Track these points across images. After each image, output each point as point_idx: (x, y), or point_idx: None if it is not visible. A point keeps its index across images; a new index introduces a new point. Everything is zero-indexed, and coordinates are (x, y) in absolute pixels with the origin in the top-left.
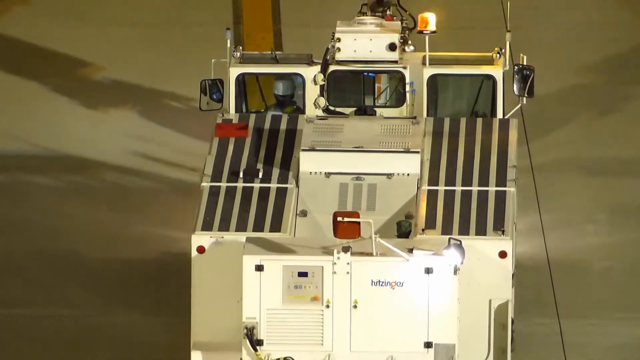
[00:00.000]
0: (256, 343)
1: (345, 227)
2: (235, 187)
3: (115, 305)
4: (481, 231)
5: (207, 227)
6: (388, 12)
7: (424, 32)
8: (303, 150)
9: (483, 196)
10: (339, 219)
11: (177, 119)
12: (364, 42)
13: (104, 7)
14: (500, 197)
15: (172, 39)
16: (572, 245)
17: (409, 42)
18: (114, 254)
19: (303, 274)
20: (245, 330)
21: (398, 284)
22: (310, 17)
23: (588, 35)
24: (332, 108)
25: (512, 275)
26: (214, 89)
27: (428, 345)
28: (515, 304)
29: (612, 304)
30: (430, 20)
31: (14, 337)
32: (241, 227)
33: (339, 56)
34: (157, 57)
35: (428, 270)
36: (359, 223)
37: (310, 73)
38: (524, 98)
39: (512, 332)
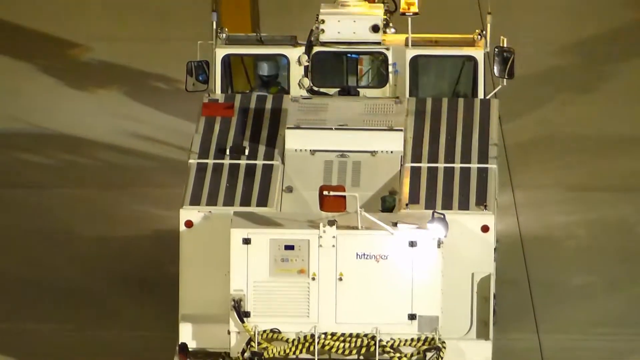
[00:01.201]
0: (243, 315)
1: (331, 201)
2: (222, 164)
3: (111, 282)
4: (464, 206)
5: (195, 201)
6: None
7: (407, 14)
8: (288, 128)
9: (465, 173)
10: (325, 192)
11: (163, 100)
12: (347, 24)
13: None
14: (482, 173)
15: (157, 22)
16: (546, 223)
17: (391, 24)
18: (103, 232)
19: (290, 247)
20: (232, 303)
21: (383, 257)
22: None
23: (564, 17)
24: (316, 89)
25: (494, 249)
26: (200, 70)
27: (412, 317)
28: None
29: (581, 282)
30: (412, 2)
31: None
32: (228, 202)
33: (322, 37)
34: (142, 39)
35: (412, 244)
36: (344, 197)
37: (294, 54)
38: (505, 79)
39: (494, 305)
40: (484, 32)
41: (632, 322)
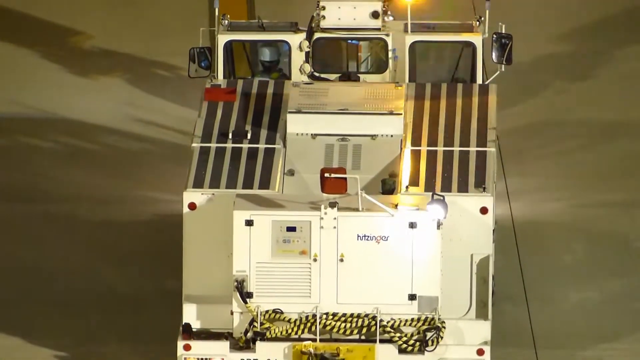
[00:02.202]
0: (246, 295)
1: (333, 183)
2: (225, 147)
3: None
4: (463, 188)
5: (198, 184)
6: None
7: (407, 0)
8: (290, 112)
9: (464, 156)
10: (326, 175)
11: (165, 86)
12: (347, 10)
13: None
14: (481, 156)
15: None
16: (541, 209)
17: (388, 12)
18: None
19: (291, 229)
20: (235, 283)
21: (383, 238)
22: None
23: (560, 5)
24: (317, 74)
25: (493, 231)
26: (202, 56)
27: (412, 297)
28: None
29: (574, 273)
30: None
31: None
32: (231, 185)
33: (323, 24)
34: (143, 28)
35: (412, 225)
36: (345, 179)
37: (296, 40)
38: (503, 65)
39: (493, 285)
40: (483, 18)
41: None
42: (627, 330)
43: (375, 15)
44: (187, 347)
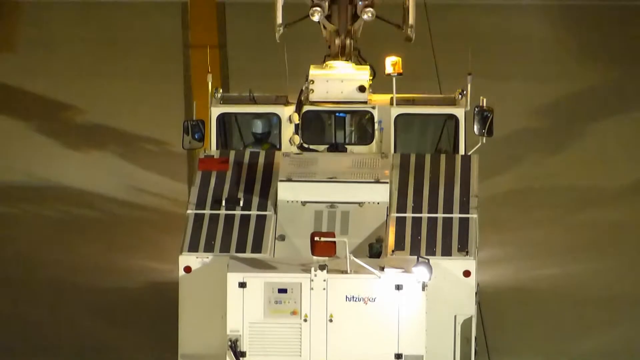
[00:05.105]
0: (240, 355)
1: (322, 246)
2: (218, 214)
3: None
4: (447, 252)
5: (193, 248)
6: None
7: (392, 74)
8: (281, 180)
9: (448, 222)
10: (316, 238)
11: (155, 161)
12: (335, 84)
13: (84, 61)
14: (464, 222)
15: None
16: (520, 276)
17: (370, 90)
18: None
19: (283, 290)
20: (229, 343)
21: (371, 299)
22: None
23: (537, 80)
24: (306, 145)
25: (476, 293)
26: (196, 129)
27: (398, 356)
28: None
29: (556, 334)
30: (397, 63)
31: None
32: (225, 249)
33: (312, 97)
34: (135, 104)
35: (398, 287)
36: (334, 242)
37: (286, 113)
38: (484, 137)
39: (475, 346)
40: (465, 91)
41: None
42: None
43: (362, 89)
44: None
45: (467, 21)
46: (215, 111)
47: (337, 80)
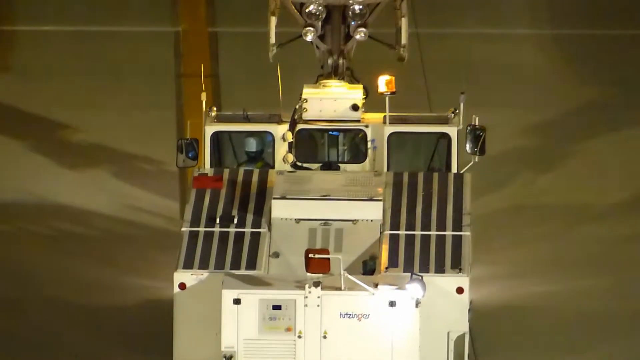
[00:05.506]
0: None
1: (316, 263)
2: (213, 231)
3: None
4: (440, 269)
5: (188, 265)
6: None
7: (385, 93)
8: (275, 198)
9: (441, 240)
10: (311, 255)
11: (149, 179)
12: (329, 103)
13: (77, 90)
14: (457, 240)
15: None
16: (512, 293)
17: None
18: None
19: (277, 307)
20: (224, 359)
21: (364, 316)
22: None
23: (529, 100)
24: (299, 164)
25: (469, 309)
26: (190, 147)
27: None
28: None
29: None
30: (391, 82)
31: None
32: (219, 266)
33: (306, 116)
34: (128, 123)
35: (392, 304)
36: (328, 259)
37: (279, 131)
38: (476, 156)
39: None
40: (457, 110)
41: None
42: None
43: (355, 108)
44: None
45: (459, 49)
46: (209, 129)
47: (331, 99)
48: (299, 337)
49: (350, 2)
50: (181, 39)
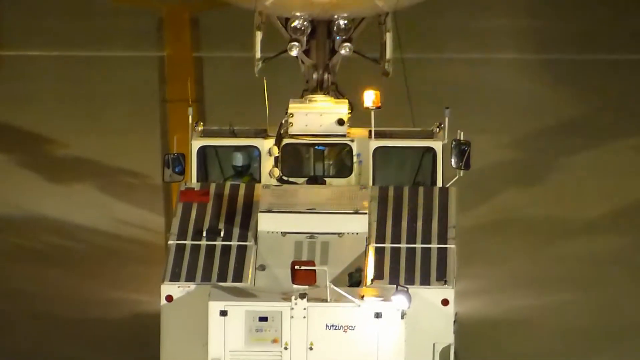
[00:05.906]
0: None
1: (302, 274)
2: (200, 244)
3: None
4: (425, 281)
5: (174, 277)
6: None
7: (370, 108)
8: (261, 211)
9: (426, 252)
10: (297, 267)
11: (134, 193)
12: (314, 118)
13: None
14: (442, 253)
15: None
16: (501, 306)
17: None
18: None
19: (263, 319)
20: None
21: (350, 327)
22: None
23: (515, 114)
24: (285, 178)
25: (454, 321)
26: (176, 162)
27: None
28: None
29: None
30: (376, 97)
31: None
32: (206, 278)
33: (291, 130)
34: (114, 138)
35: (378, 315)
36: (314, 271)
37: (265, 145)
38: (461, 170)
39: None
40: (442, 125)
41: None
42: None
43: (340, 122)
44: None
45: (443, 73)
46: (196, 144)
47: (316, 114)
48: (285, 348)
49: (335, 17)
50: (166, 63)
